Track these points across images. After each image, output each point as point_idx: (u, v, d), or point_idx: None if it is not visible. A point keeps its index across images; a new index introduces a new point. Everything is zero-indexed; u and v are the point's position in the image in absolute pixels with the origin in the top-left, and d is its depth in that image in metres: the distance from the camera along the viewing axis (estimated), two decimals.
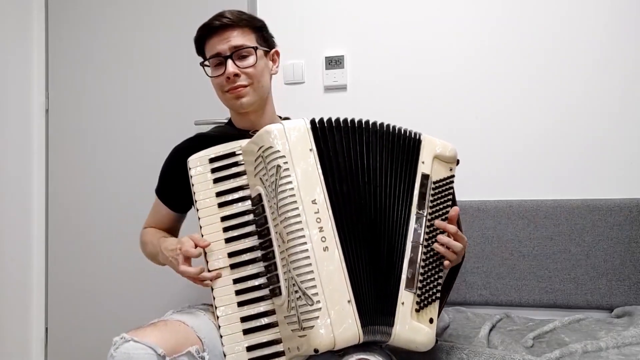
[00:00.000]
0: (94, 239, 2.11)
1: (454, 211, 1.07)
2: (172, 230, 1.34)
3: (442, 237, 1.04)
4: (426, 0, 1.85)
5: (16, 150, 2.10)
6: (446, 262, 1.04)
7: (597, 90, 1.71)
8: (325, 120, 1.03)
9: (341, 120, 1.04)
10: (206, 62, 1.28)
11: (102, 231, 2.10)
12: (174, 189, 1.28)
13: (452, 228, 1.05)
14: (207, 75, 1.29)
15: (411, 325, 0.97)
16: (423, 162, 1.07)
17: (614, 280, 1.59)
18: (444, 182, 1.10)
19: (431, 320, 1.00)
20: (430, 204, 1.06)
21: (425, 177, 1.07)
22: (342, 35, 1.91)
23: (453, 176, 1.11)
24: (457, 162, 1.13)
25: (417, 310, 0.99)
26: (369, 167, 1.03)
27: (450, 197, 1.10)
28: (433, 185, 1.07)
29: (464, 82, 1.81)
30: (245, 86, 1.23)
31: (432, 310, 1.01)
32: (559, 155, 1.73)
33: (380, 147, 1.05)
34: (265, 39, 1.30)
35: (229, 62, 1.22)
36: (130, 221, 2.03)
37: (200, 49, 1.30)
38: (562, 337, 1.35)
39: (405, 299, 0.98)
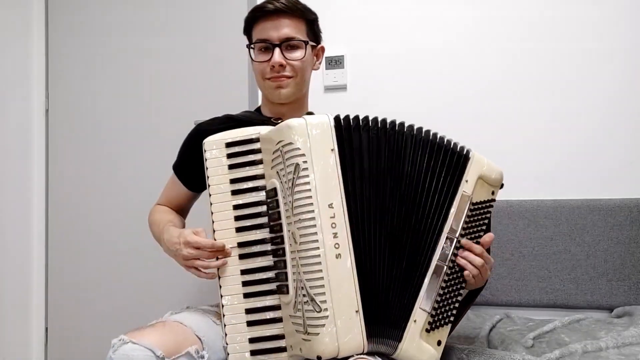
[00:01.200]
0: (94, 239, 2.11)
1: (488, 237, 1.01)
2: (183, 209, 1.32)
3: (465, 253, 0.99)
4: (426, 0, 1.85)
5: (16, 150, 2.10)
6: (466, 272, 0.98)
7: (597, 90, 1.71)
8: (351, 118, 0.96)
9: (370, 119, 0.98)
10: (252, 45, 1.23)
11: (102, 231, 2.10)
12: (192, 167, 1.23)
13: (478, 248, 0.99)
14: (251, 58, 1.24)
15: (419, 344, 0.94)
16: (467, 181, 1.01)
17: (614, 280, 1.59)
18: (483, 205, 1.03)
19: (439, 343, 0.97)
20: (464, 225, 1.00)
21: (466, 196, 1.00)
22: (342, 35, 1.91)
23: (494, 200, 1.05)
24: (501, 185, 1.06)
25: (428, 331, 0.96)
26: (399, 173, 0.97)
27: (486, 221, 1.04)
28: (471, 207, 1.01)
29: (464, 82, 1.81)
30: (288, 77, 1.20)
31: (443, 332, 0.98)
32: (559, 155, 1.72)
33: (414, 154, 0.99)
34: (315, 33, 1.26)
35: (277, 51, 1.18)
36: (130, 221, 2.03)
37: (248, 29, 1.25)
38: (562, 337, 1.35)
39: (419, 317, 0.95)
